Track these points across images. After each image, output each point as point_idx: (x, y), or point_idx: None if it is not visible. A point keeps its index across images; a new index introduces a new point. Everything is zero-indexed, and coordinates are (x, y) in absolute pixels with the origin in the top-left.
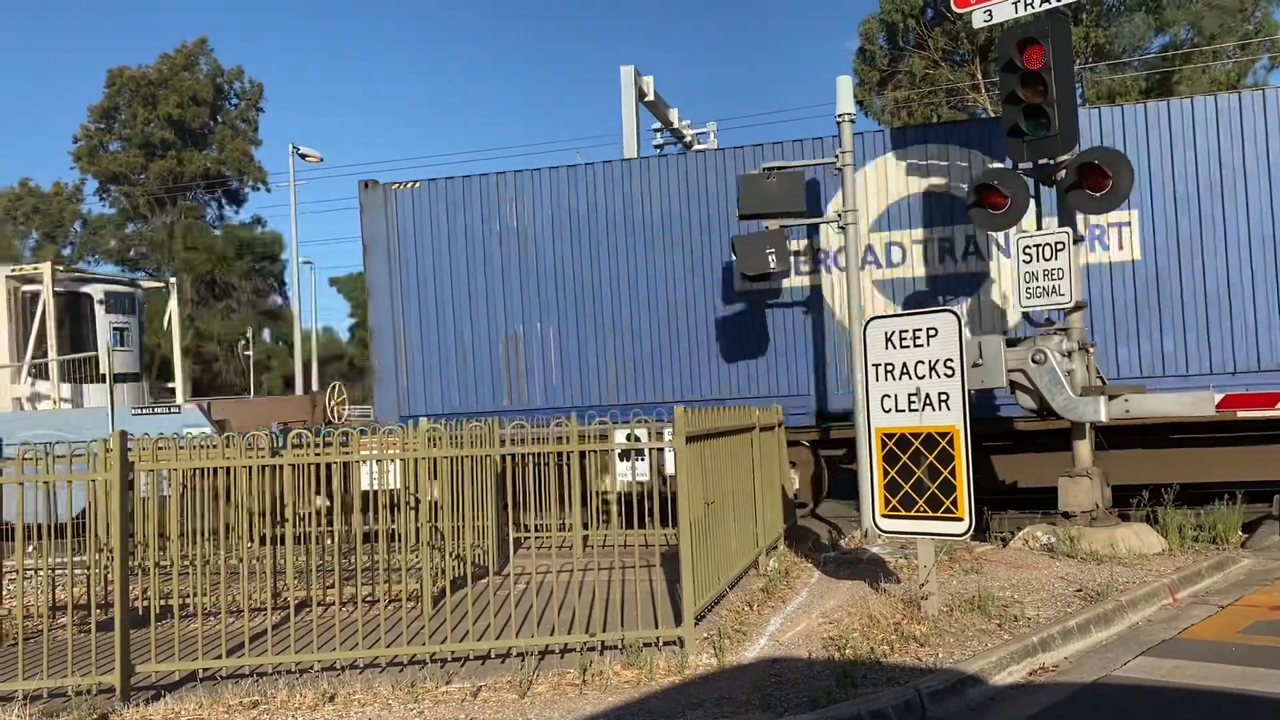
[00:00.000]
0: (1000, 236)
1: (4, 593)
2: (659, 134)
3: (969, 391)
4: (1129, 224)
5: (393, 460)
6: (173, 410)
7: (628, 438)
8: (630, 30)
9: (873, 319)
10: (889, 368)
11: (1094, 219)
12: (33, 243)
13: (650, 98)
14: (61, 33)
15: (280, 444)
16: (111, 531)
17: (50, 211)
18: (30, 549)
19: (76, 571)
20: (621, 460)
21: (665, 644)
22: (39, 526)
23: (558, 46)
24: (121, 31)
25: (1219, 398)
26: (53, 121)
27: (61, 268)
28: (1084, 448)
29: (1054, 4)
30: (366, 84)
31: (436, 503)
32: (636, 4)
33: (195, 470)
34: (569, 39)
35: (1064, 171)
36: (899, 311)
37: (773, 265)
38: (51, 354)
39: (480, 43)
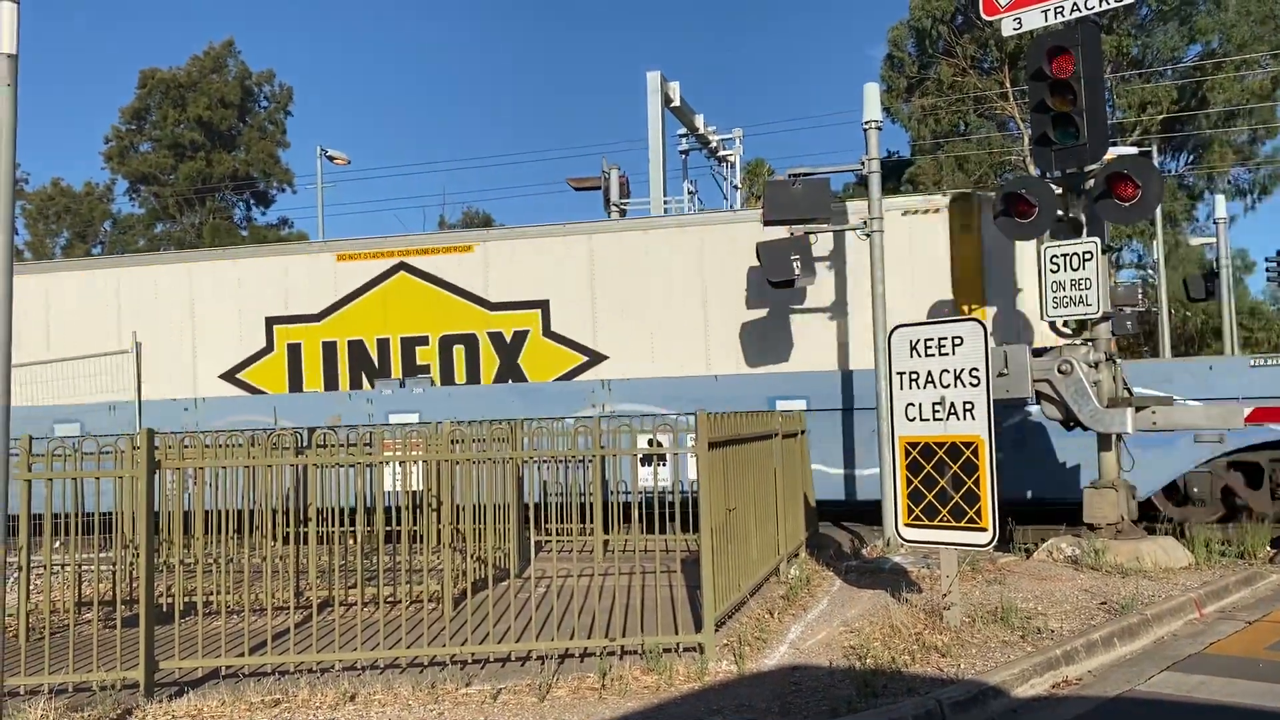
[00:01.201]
0: None
1: (31, 588)
2: (684, 139)
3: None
4: None
5: (415, 462)
6: None
7: (649, 443)
8: (649, 34)
9: (898, 326)
10: (913, 376)
11: None
12: (63, 241)
13: (676, 103)
14: (92, 34)
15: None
16: (138, 528)
17: (81, 211)
18: (57, 544)
19: (102, 568)
20: (643, 465)
21: (685, 650)
22: (65, 522)
23: (577, 51)
24: (153, 33)
25: (1248, 410)
26: (84, 122)
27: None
28: (1110, 460)
29: (1084, 12)
30: (388, 87)
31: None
32: (658, 10)
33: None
34: (588, 44)
35: (1092, 180)
36: (924, 320)
37: (797, 272)
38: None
39: (503, 48)
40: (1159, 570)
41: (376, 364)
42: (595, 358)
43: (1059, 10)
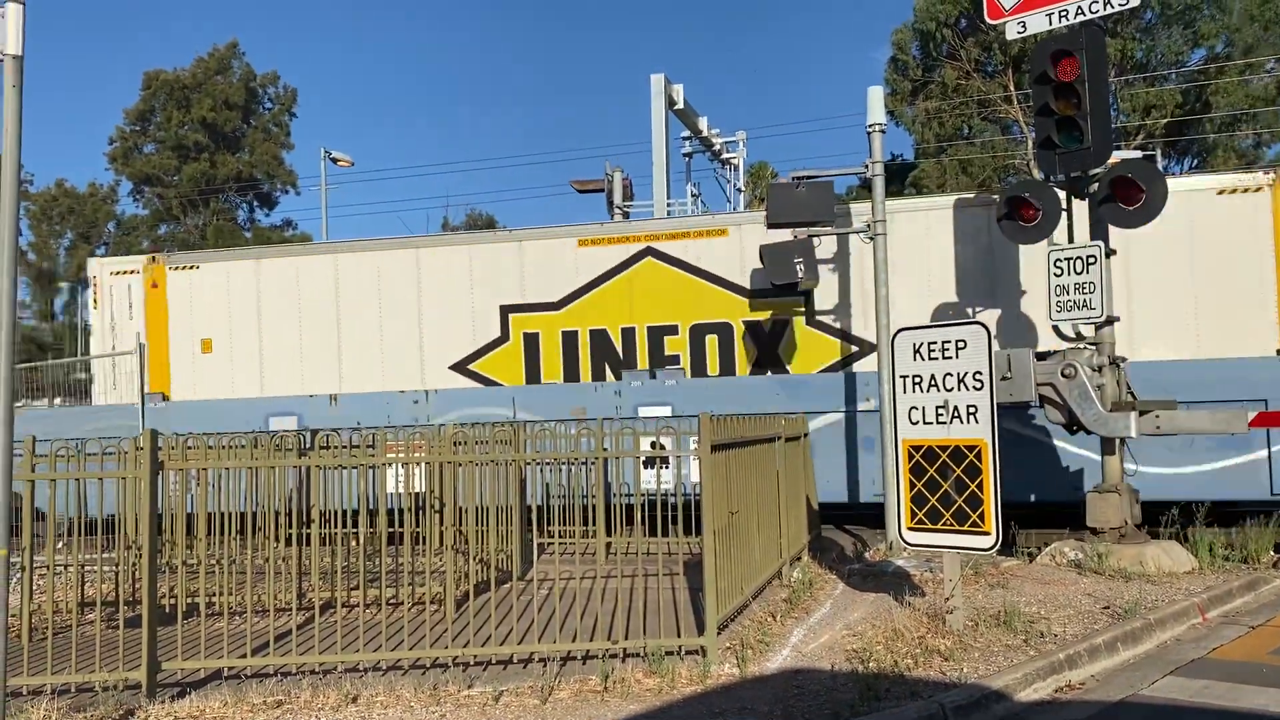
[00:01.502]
0: None
1: (34, 588)
2: (688, 142)
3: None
4: None
5: (417, 464)
6: None
7: (652, 445)
8: (651, 37)
9: (901, 330)
10: (917, 380)
11: None
12: (67, 242)
13: (680, 106)
14: (97, 36)
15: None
16: (140, 529)
17: (85, 212)
18: (60, 545)
19: (105, 569)
20: (647, 468)
21: (687, 653)
22: (69, 523)
23: (580, 54)
24: (158, 35)
25: (1252, 415)
26: (89, 124)
27: None
28: (1113, 463)
29: (1089, 16)
30: (392, 89)
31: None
32: (660, 12)
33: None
34: (591, 47)
35: (1097, 184)
36: (928, 323)
37: (800, 275)
38: None
39: (506, 50)
40: (1162, 574)
41: (621, 354)
42: (866, 348)
43: (1063, 14)
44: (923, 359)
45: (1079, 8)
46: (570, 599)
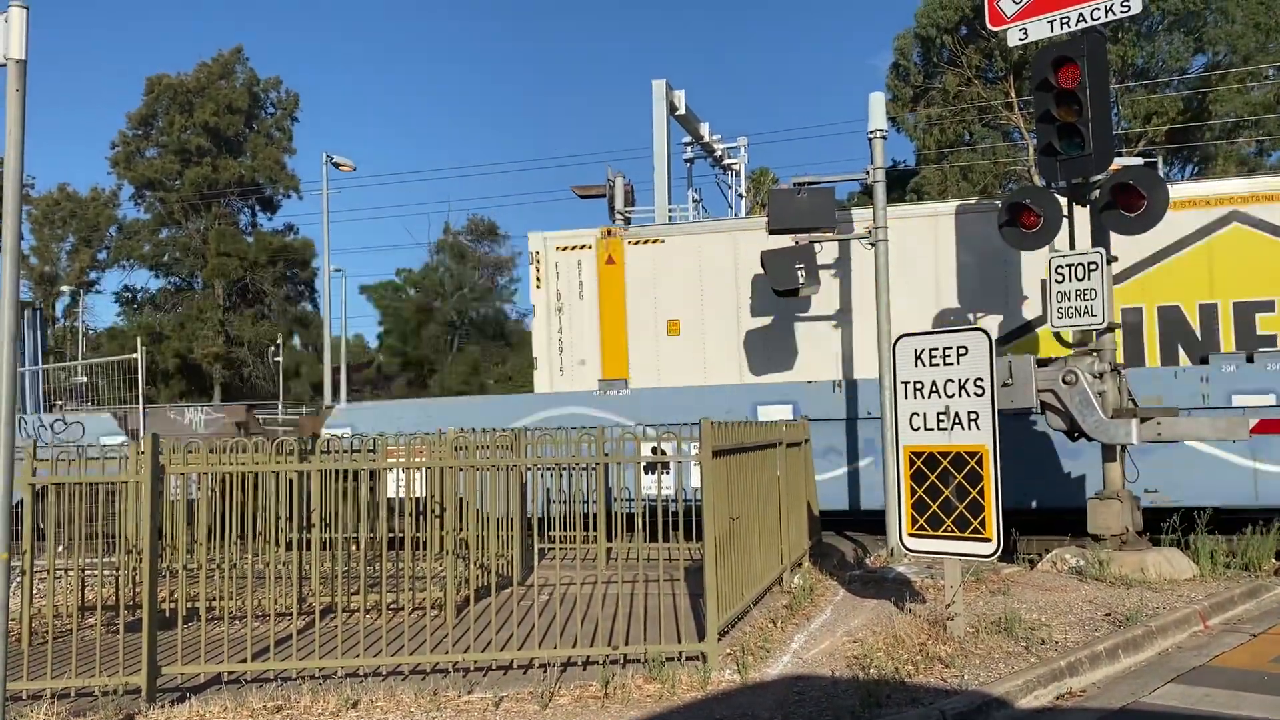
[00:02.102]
0: None
1: (34, 592)
2: (689, 148)
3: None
4: None
5: (418, 469)
6: None
7: (653, 450)
8: (654, 43)
9: (902, 336)
10: (918, 385)
11: None
12: (69, 246)
13: (681, 112)
14: (101, 40)
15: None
16: (141, 533)
17: (87, 216)
18: (60, 549)
19: (106, 573)
20: (648, 473)
21: (688, 659)
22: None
23: (582, 60)
24: (162, 39)
25: (1253, 422)
26: (91, 128)
27: None
28: (1114, 470)
29: (1090, 23)
30: (396, 93)
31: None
32: (663, 19)
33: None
34: (595, 52)
35: (1098, 191)
36: (929, 329)
37: (802, 280)
38: None
39: (509, 56)
40: (1163, 582)
41: (1199, 335)
42: None
43: (1065, 20)
44: (924, 365)
45: (1081, 14)
46: (570, 604)
